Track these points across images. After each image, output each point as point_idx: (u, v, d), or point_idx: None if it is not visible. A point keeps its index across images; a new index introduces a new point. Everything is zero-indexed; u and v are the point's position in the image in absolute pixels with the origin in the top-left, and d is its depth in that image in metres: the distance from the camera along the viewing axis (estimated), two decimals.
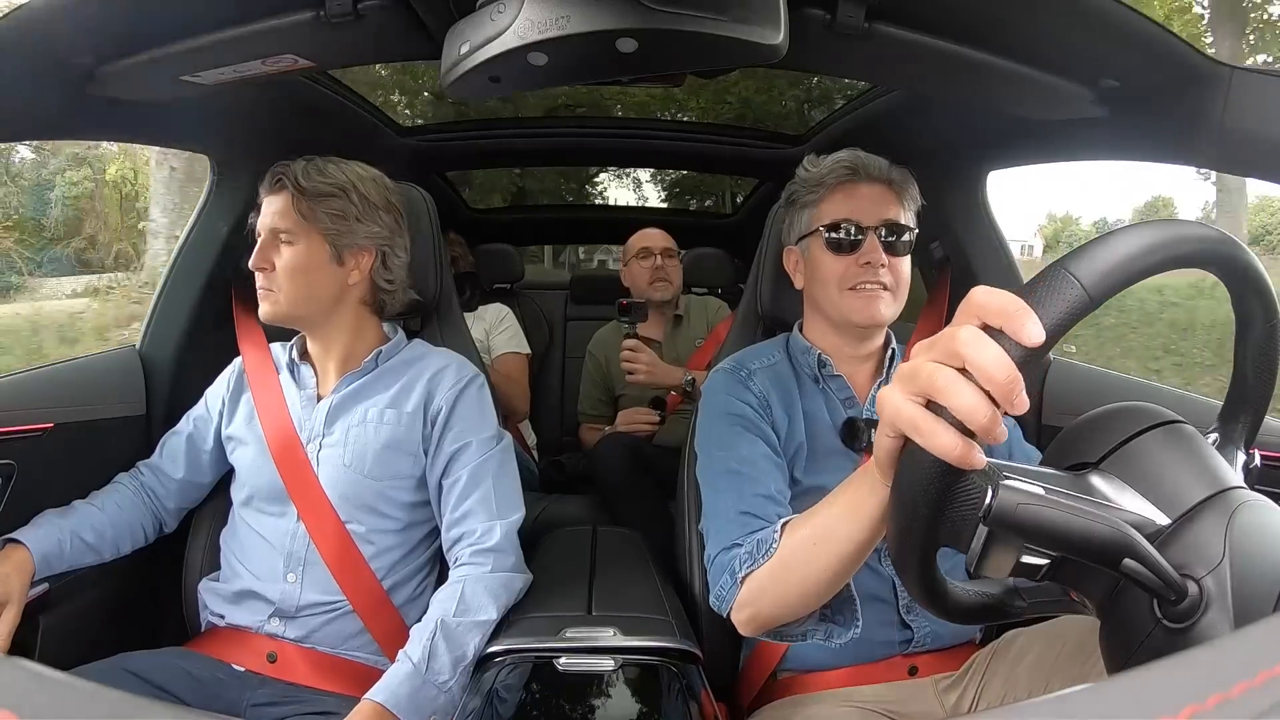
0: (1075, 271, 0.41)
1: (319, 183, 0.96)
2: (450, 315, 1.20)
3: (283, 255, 0.95)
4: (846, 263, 0.91)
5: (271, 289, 0.95)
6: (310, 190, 0.95)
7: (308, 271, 0.96)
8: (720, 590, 0.77)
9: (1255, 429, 0.55)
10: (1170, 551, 0.43)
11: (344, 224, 0.97)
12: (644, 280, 1.89)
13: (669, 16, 0.60)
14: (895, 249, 0.91)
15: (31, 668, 0.23)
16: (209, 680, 0.90)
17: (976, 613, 0.55)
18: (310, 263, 0.96)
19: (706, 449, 0.90)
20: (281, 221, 0.95)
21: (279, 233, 0.96)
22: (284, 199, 0.96)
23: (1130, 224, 0.44)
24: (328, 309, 0.99)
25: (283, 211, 0.95)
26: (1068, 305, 0.40)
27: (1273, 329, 0.50)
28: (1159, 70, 0.78)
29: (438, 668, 0.80)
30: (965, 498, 0.45)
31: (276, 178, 0.97)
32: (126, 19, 0.77)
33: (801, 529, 0.68)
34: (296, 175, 0.96)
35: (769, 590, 0.71)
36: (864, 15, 0.73)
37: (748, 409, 0.91)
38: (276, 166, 0.98)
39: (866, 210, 0.91)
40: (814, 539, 0.66)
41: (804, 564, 0.67)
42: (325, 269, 0.97)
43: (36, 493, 0.98)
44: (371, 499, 0.95)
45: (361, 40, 0.82)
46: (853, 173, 0.92)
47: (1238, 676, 0.19)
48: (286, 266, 0.95)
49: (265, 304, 0.97)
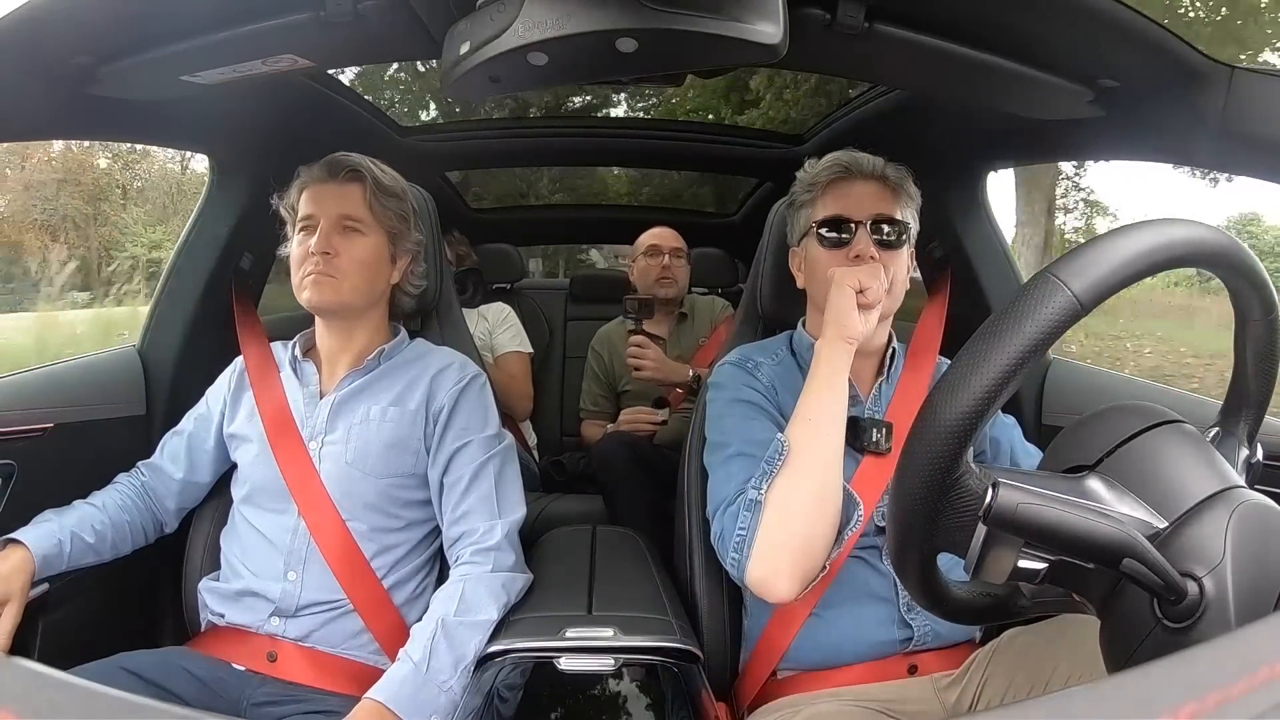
0: (1064, 278, 0.41)
1: (389, 182, 0.99)
2: (450, 315, 1.20)
3: (353, 244, 0.97)
4: (838, 257, 0.92)
5: (334, 275, 0.95)
6: (386, 187, 0.98)
7: (374, 265, 0.99)
8: (740, 535, 0.81)
9: (1257, 425, 0.55)
10: (1170, 551, 0.43)
11: (403, 225, 1.01)
12: (650, 278, 1.90)
13: (669, 16, 0.60)
14: (888, 243, 0.92)
15: (31, 667, 0.23)
16: (209, 679, 0.89)
17: (977, 613, 0.55)
18: (377, 257, 0.99)
19: (718, 435, 0.92)
20: (355, 210, 0.97)
21: (351, 220, 0.97)
22: (357, 189, 0.97)
23: (1122, 225, 0.44)
24: (373, 304, 1.02)
25: (356, 201, 0.97)
26: (1057, 313, 0.40)
27: (1272, 323, 0.50)
28: (1159, 70, 0.78)
29: (438, 667, 0.80)
30: (962, 504, 0.45)
31: (347, 168, 0.98)
32: (126, 19, 0.77)
33: (795, 425, 0.83)
34: (373, 169, 0.98)
35: (798, 496, 0.79)
36: (864, 15, 0.73)
37: (759, 395, 0.93)
38: (341, 156, 0.99)
39: (857, 206, 0.93)
40: (809, 417, 0.82)
41: (812, 443, 0.81)
42: (384, 265, 1.01)
43: (36, 493, 0.98)
44: (373, 497, 0.95)
45: (361, 40, 0.82)
46: (845, 171, 0.94)
47: (1238, 676, 0.19)
48: (358, 256, 0.97)
49: (322, 289, 0.95)
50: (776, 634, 0.91)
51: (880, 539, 0.91)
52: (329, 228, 0.95)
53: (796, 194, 0.99)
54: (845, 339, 0.85)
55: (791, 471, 0.80)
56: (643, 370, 1.64)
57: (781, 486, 0.80)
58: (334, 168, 0.98)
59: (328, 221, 0.96)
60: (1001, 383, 0.42)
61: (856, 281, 0.85)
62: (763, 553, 0.79)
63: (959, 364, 0.43)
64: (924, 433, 0.44)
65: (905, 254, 0.94)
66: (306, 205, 0.98)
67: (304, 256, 0.96)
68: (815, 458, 0.81)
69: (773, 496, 0.80)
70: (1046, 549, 0.45)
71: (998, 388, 0.42)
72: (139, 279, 8.21)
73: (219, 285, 1.24)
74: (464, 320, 1.24)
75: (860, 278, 0.86)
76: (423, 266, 1.07)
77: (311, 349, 1.06)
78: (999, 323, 0.42)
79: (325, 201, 0.97)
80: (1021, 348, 0.41)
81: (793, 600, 0.81)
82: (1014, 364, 0.41)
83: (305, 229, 0.97)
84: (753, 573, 0.79)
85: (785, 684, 0.91)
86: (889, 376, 0.98)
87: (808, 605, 0.89)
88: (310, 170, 1.00)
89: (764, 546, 0.79)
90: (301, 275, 0.96)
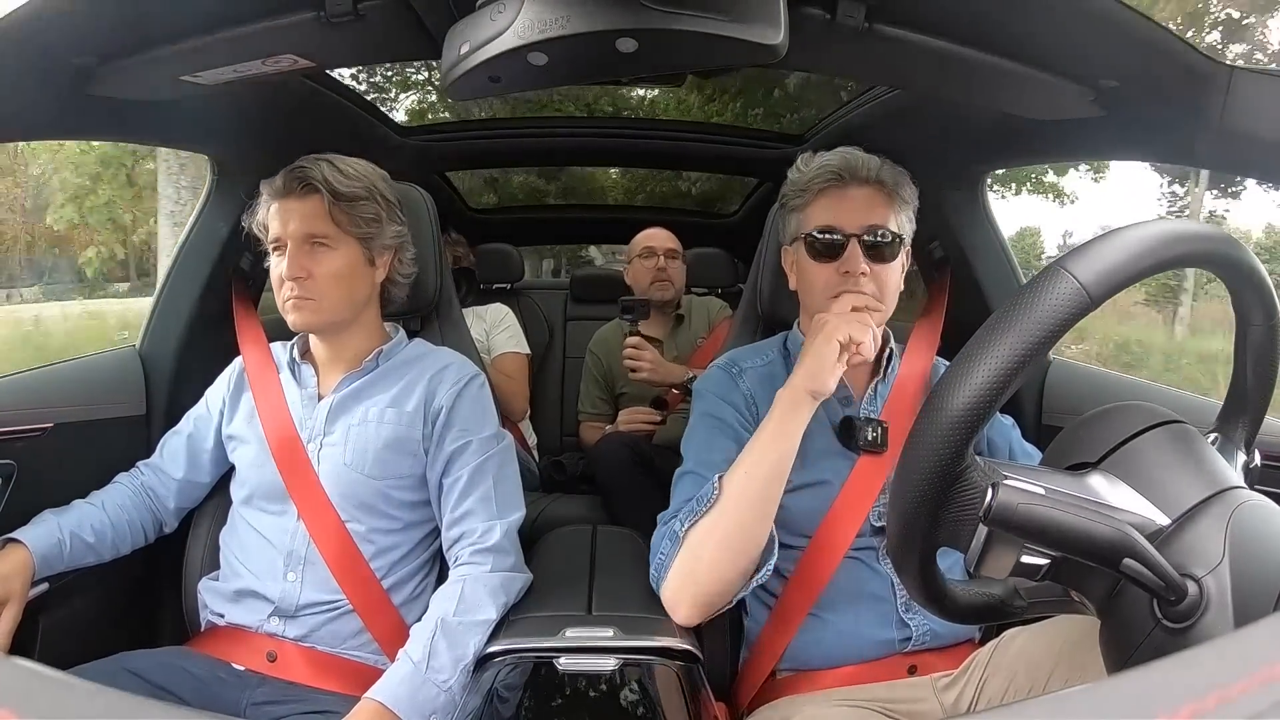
0: (1075, 271, 0.41)
1: (350, 186, 0.95)
2: (450, 315, 1.20)
3: (322, 262, 0.94)
4: (829, 270, 0.91)
5: (311, 297, 0.93)
6: (346, 194, 0.94)
7: (349, 277, 0.96)
8: (660, 559, 0.84)
9: (1255, 429, 0.55)
10: (1170, 551, 0.43)
11: (376, 227, 0.97)
12: (646, 280, 1.89)
13: (669, 16, 0.60)
14: (880, 255, 0.90)
15: (31, 667, 0.23)
16: (209, 679, 0.89)
17: (976, 612, 0.55)
18: (352, 268, 0.96)
19: (683, 447, 0.93)
20: (318, 227, 0.94)
21: (315, 238, 0.94)
22: (315, 203, 0.94)
23: (1131, 223, 0.43)
24: (359, 312, 1.00)
25: (317, 216, 0.93)
26: (1067, 305, 0.40)
27: (1273, 329, 0.50)
28: (1158, 70, 0.78)
29: (438, 667, 0.80)
30: (965, 498, 0.45)
31: (303, 181, 0.94)
32: (126, 19, 0.77)
33: (735, 470, 0.82)
34: (328, 178, 0.93)
35: (714, 542, 0.80)
36: (864, 15, 0.73)
37: (729, 410, 0.92)
38: (297, 168, 0.95)
39: (850, 216, 0.90)
40: (746, 469, 0.81)
41: (741, 497, 0.80)
42: (362, 273, 0.98)
43: (36, 493, 0.98)
44: (372, 498, 0.95)
45: (361, 40, 0.82)
46: (838, 177, 0.92)
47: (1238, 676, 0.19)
48: (330, 274, 0.94)
49: (303, 313, 0.94)
50: (775, 634, 0.91)
51: (876, 539, 0.91)
52: (295, 249, 0.93)
53: (788, 195, 0.97)
54: (813, 393, 0.82)
55: (715, 518, 0.81)
56: (640, 372, 1.64)
57: (701, 530, 0.81)
58: (290, 182, 0.94)
59: (294, 242, 0.93)
60: (1010, 374, 0.41)
61: (847, 336, 0.81)
62: (671, 582, 0.83)
63: (967, 355, 0.43)
64: (930, 423, 0.43)
65: (899, 264, 0.93)
66: (273, 225, 0.95)
67: (280, 280, 0.94)
68: (741, 510, 0.80)
69: (691, 538, 0.82)
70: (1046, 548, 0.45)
71: (1006, 379, 0.41)
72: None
73: (219, 285, 1.24)
74: (464, 320, 1.24)
75: (852, 332, 0.81)
76: (411, 252, 1.04)
77: (309, 350, 1.06)
78: (1008, 313, 0.42)
79: (289, 220, 0.94)
80: (1031, 339, 0.41)
81: (695, 624, 0.84)
82: (1023, 355, 0.41)
83: (277, 249, 0.96)
84: (663, 594, 0.84)
85: (784, 684, 0.91)
86: (885, 376, 0.98)
87: (806, 605, 0.89)
88: (269, 185, 0.97)
89: (674, 578, 0.83)
90: (282, 300, 0.95)
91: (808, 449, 0.92)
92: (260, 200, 0.98)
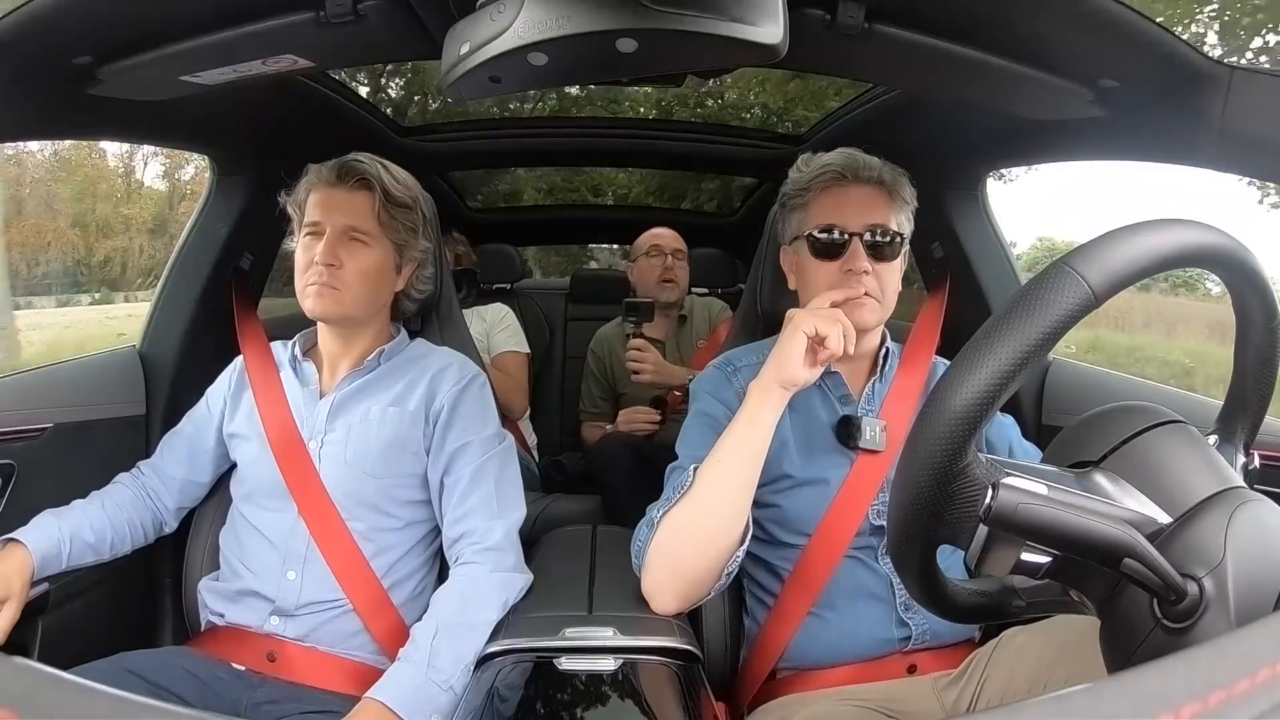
0: (1080, 269, 0.41)
1: (401, 191, 0.97)
2: (450, 315, 1.20)
3: (357, 257, 0.94)
4: (831, 269, 0.91)
5: (337, 287, 0.93)
6: (397, 198, 0.96)
7: (379, 277, 0.97)
8: (638, 545, 0.84)
9: (1254, 430, 0.54)
10: (1170, 551, 0.43)
11: (412, 236, 0.99)
12: (652, 278, 1.89)
13: (669, 16, 0.60)
14: (882, 254, 0.90)
15: (31, 667, 0.23)
16: (209, 679, 0.89)
17: (976, 612, 0.55)
18: (382, 269, 0.97)
19: (677, 444, 0.94)
20: (362, 222, 0.95)
21: (355, 232, 0.94)
22: (365, 199, 0.95)
23: (1134, 222, 0.43)
24: (375, 313, 1.01)
25: (364, 212, 0.95)
26: (1071, 303, 0.40)
27: (1273, 331, 0.50)
28: (1158, 70, 0.78)
29: (439, 666, 0.80)
30: (965, 497, 0.45)
31: (358, 175, 0.95)
32: (126, 19, 0.77)
33: (709, 458, 0.83)
34: (383, 179, 0.95)
35: (687, 527, 0.81)
36: (864, 15, 0.73)
37: (721, 408, 0.93)
38: (352, 160, 0.96)
39: (852, 215, 0.91)
40: (719, 457, 0.82)
41: (713, 483, 0.82)
42: (389, 276, 0.99)
43: (36, 493, 0.98)
44: (373, 497, 0.95)
45: (361, 40, 0.82)
46: (840, 176, 0.92)
47: (1238, 676, 0.19)
48: (361, 269, 0.95)
49: (325, 300, 0.94)
50: (775, 633, 0.91)
51: (875, 539, 0.91)
52: (334, 237, 0.93)
53: (788, 194, 0.97)
54: (782, 384, 0.83)
55: (688, 505, 0.82)
56: (642, 374, 1.64)
57: (676, 516, 0.82)
58: (344, 173, 0.95)
59: (334, 231, 0.94)
60: (1013, 370, 0.41)
61: (814, 329, 0.81)
62: (649, 570, 0.84)
63: (970, 350, 0.43)
64: (933, 419, 0.43)
65: (899, 263, 0.93)
66: (314, 210, 0.96)
67: (308, 264, 0.94)
68: (714, 497, 0.82)
69: (665, 523, 0.82)
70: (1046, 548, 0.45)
71: (1009, 375, 0.41)
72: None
73: (219, 285, 1.24)
74: (464, 320, 1.24)
75: (819, 325, 0.81)
76: (430, 271, 1.06)
77: (312, 349, 1.06)
78: (1012, 310, 0.42)
79: (333, 209, 0.95)
80: (1035, 336, 0.41)
81: (675, 614, 0.85)
82: (1026, 352, 0.41)
83: (311, 234, 0.96)
84: (643, 583, 0.85)
85: (785, 683, 0.91)
86: (882, 376, 0.98)
87: (806, 604, 0.89)
88: (320, 171, 0.97)
89: (651, 565, 0.84)
90: (305, 283, 0.94)
91: (806, 448, 0.92)
92: (302, 181, 0.99)
